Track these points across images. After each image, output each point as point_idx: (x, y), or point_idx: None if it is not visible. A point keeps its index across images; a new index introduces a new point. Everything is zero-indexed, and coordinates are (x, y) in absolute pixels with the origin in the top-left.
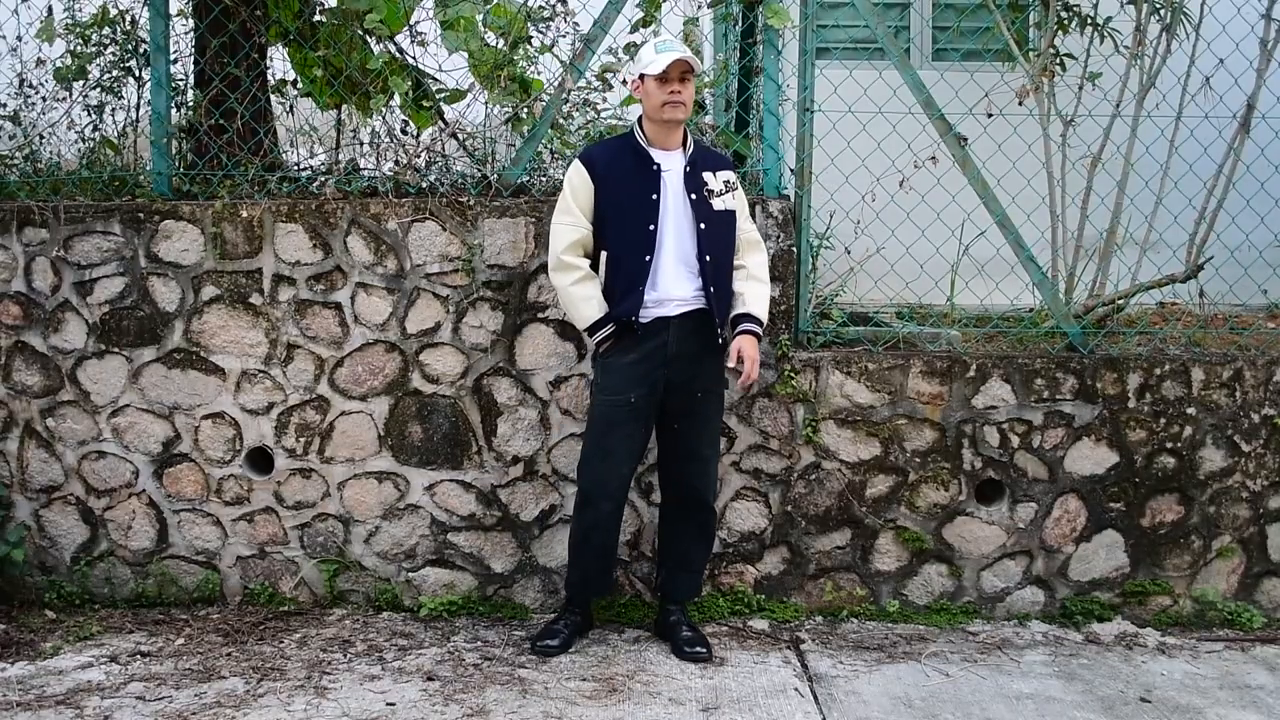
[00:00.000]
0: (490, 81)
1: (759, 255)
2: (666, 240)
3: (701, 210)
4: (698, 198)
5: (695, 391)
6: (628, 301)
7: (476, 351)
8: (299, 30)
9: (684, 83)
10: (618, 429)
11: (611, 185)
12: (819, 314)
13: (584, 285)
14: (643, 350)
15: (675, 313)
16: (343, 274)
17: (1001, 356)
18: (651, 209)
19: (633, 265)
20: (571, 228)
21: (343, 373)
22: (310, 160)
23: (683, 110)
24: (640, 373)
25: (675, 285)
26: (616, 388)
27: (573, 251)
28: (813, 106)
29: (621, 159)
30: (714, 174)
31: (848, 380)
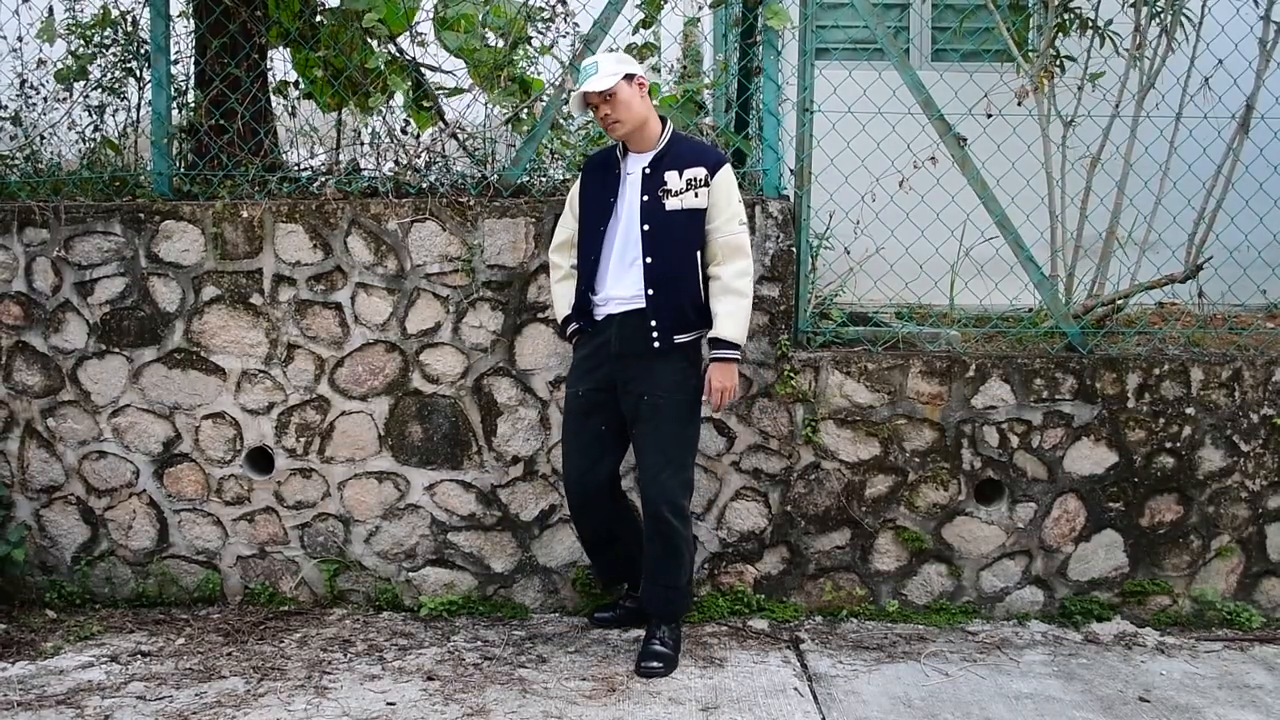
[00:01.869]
0: (490, 82)
1: (737, 262)
2: (614, 241)
3: (650, 212)
4: (650, 199)
5: (641, 395)
6: (578, 300)
7: (476, 351)
8: (299, 31)
9: (610, 102)
10: (570, 422)
11: (587, 188)
12: (818, 314)
13: (562, 284)
14: (591, 345)
15: (618, 310)
16: (343, 274)
17: (1001, 357)
18: (606, 210)
19: (584, 265)
20: (562, 228)
21: (343, 373)
22: (310, 160)
23: (621, 127)
24: (587, 367)
25: (618, 285)
26: (569, 381)
27: (561, 251)
28: (812, 107)
29: (603, 165)
30: (679, 172)
31: (847, 380)
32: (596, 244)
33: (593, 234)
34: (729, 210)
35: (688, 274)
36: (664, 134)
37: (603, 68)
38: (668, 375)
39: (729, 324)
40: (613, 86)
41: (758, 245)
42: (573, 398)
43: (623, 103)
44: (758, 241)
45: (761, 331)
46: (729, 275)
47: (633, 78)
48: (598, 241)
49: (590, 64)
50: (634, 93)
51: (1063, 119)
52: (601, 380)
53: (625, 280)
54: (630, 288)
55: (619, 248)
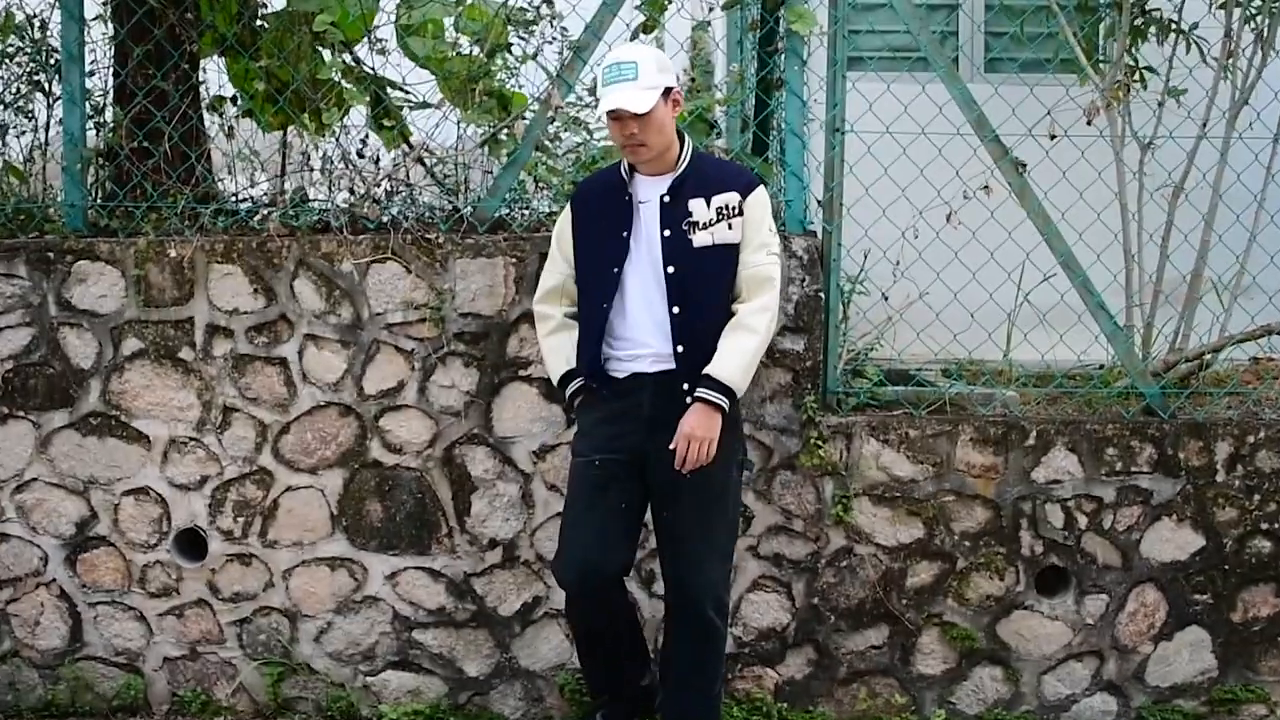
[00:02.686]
0: (463, 97)
1: (760, 296)
2: (630, 285)
3: (674, 249)
4: (672, 234)
5: (681, 469)
6: (586, 354)
7: (447, 415)
8: (237, 36)
9: (642, 121)
10: (581, 496)
11: (587, 222)
12: (851, 371)
13: (556, 336)
14: (611, 409)
15: (651, 369)
16: (289, 324)
17: (1066, 422)
18: (619, 249)
19: (593, 313)
20: (550, 273)
21: (289, 440)
22: (250, 190)
23: (646, 152)
24: (607, 434)
25: (648, 335)
26: (580, 449)
27: (551, 300)
28: (843, 126)
29: (604, 191)
30: (706, 200)
31: (885, 449)
32: (609, 289)
33: (603, 277)
34: (759, 239)
35: (725, 322)
36: (684, 153)
37: (643, 75)
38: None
39: (727, 361)
40: (648, 111)
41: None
42: (585, 466)
43: (656, 124)
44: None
45: (784, 392)
46: (745, 310)
47: (670, 91)
48: (611, 286)
49: (627, 64)
50: (668, 111)
51: (1140, 141)
52: (627, 450)
53: (656, 332)
54: (663, 342)
55: (641, 293)
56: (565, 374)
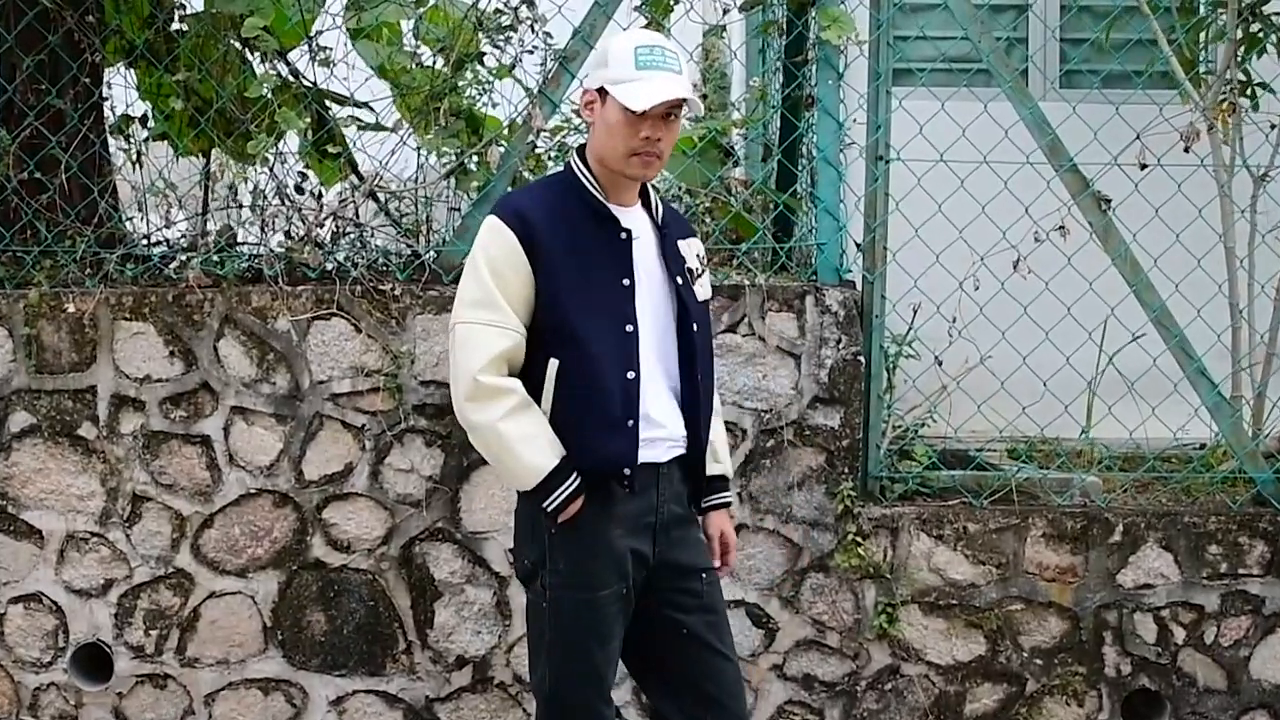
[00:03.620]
0: (424, 118)
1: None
2: (647, 347)
3: (691, 301)
4: (684, 282)
5: (700, 571)
6: (614, 441)
7: (405, 506)
8: (149, 44)
9: (668, 122)
10: (591, 634)
11: (562, 258)
12: (897, 452)
13: (521, 418)
14: (628, 512)
15: (665, 456)
16: (212, 394)
17: (1160, 514)
18: (625, 299)
19: (612, 384)
20: (497, 330)
21: (212, 536)
22: (165, 231)
23: (657, 168)
24: (622, 551)
25: (665, 412)
26: (594, 575)
27: (497, 368)
28: (888, 153)
29: (570, 218)
30: (686, 243)
31: (939, 547)
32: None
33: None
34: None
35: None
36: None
37: (685, 71)
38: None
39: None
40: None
41: (809, 352)
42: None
43: (675, 135)
44: (809, 347)
45: (815, 477)
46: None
47: None
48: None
49: (670, 51)
50: None
51: (1251, 171)
52: (643, 567)
53: (672, 409)
54: (678, 421)
55: (657, 359)
56: (556, 469)
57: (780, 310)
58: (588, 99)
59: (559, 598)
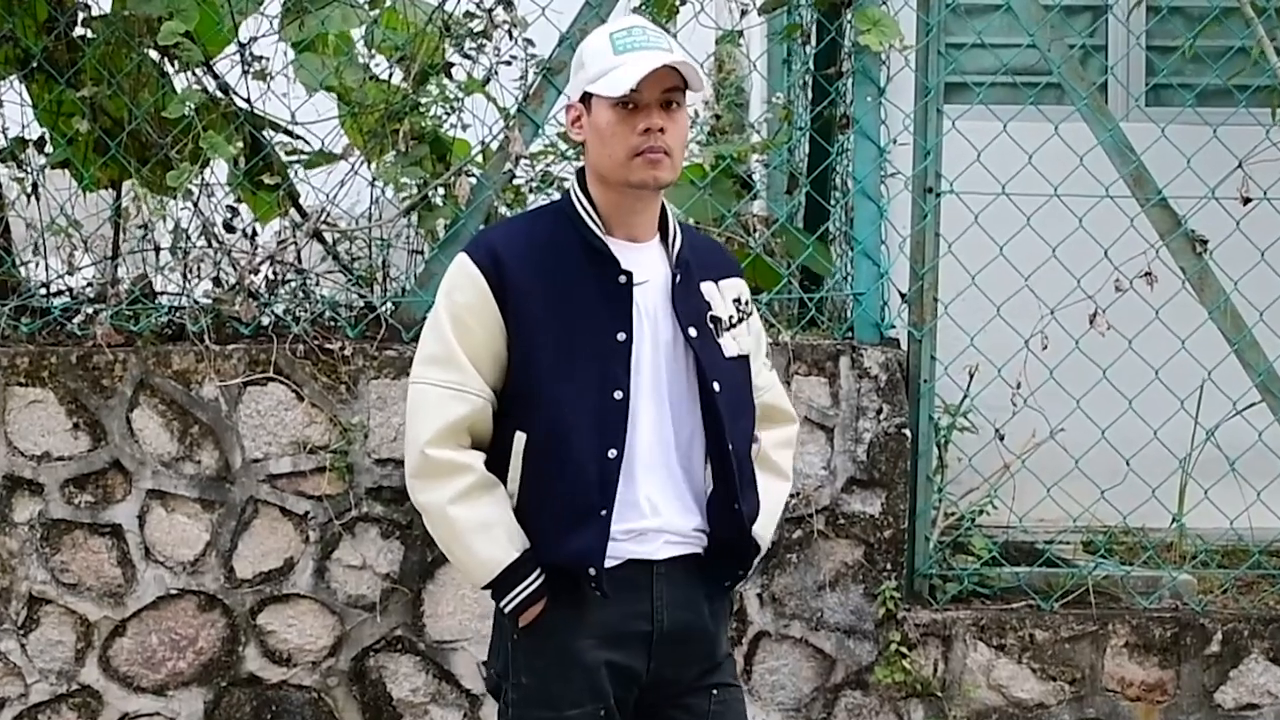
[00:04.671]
0: (380, 142)
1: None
2: (641, 417)
3: (708, 357)
4: (699, 334)
5: (710, 689)
6: (580, 535)
7: (357, 610)
8: (48, 53)
9: (670, 112)
10: None
11: (542, 308)
12: (950, 545)
13: (478, 502)
14: (605, 620)
15: (665, 554)
16: (125, 475)
17: (1267, 619)
18: (615, 359)
19: (585, 464)
20: (452, 394)
21: (125, 646)
22: (68, 278)
23: (668, 167)
24: (599, 663)
25: (668, 502)
26: (557, 694)
27: (452, 439)
28: (939, 184)
29: (558, 256)
30: (716, 284)
31: (1000, 659)
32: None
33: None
34: (761, 348)
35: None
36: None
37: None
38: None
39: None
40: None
41: (845, 425)
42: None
43: (683, 129)
44: (845, 418)
45: (851, 574)
46: (772, 443)
47: None
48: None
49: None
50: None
51: None
52: (629, 686)
53: (679, 494)
54: (685, 508)
55: (655, 433)
56: (515, 564)
57: (809, 374)
58: (573, 114)
59: (519, 717)
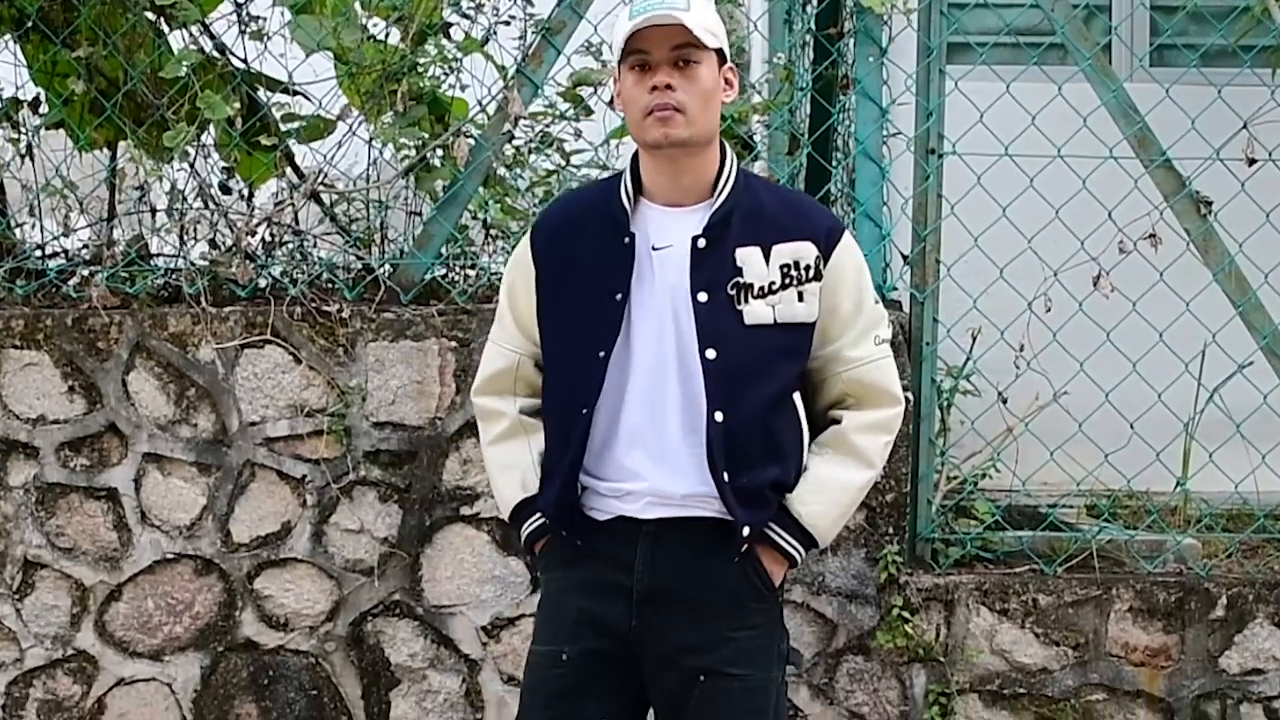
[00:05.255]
0: (378, 103)
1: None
2: (634, 378)
3: (715, 325)
4: (711, 300)
5: (697, 672)
6: (550, 487)
7: (355, 574)
8: (43, 13)
9: (684, 70)
10: (540, 705)
11: (559, 272)
12: (953, 509)
13: (508, 445)
14: (589, 570)
15: (651, 514)
16: (121, 439)
17: (1272, 583)
18: (608, 319)
19: (566, 421)
20: (498, 349)
21: (120, 611)
22: (64, 240)
23: (681, 123)
24: (578, 607)
25: (643, 460)
26: (544, 633)
27: (499, 389)
28: (941, 146)
29: (587, 223)
30: (764, 250)
31: (1003, 624)
32: (591, 385)
33: (582, 365)
34: (861, 319)
35: (784, 442)
36: (727, 172)
37: (696, 6)
38: (746, 632)
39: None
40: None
41: None
42: (547, 662)
43: (704, 87)
44: None
45: (852, 539)
46: (857, 424)
47: (725, 61)
48: (595, 377)
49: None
50: (719, 85)
51: None
52: (608, 636)
53: (668, 456)
54: (675, 471)
55: (646, 393)
56: (521, 504)
57: None
58: (616, 89)
59: (530, 652)
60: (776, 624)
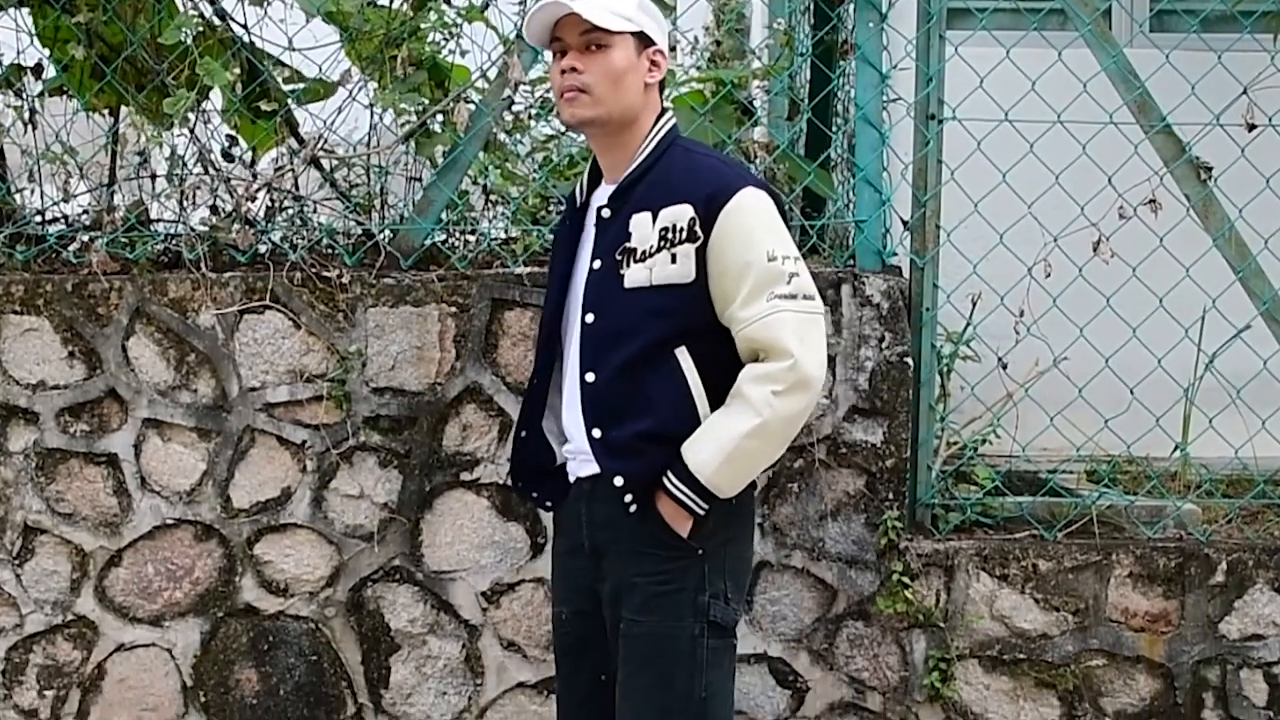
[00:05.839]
0: (379, 68)
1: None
2: (571, 347)
3: (599, 289)
4: (602, 266)
5: (617, 621)
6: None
7: (354, 540)
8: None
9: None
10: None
11: (551, 248)
12: (953, 474)
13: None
14: (563, 532)
15: (582, 472)
16: (121, 404)
17: (1272, 549)
18: (557, 291)
19: (530, 385)
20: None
21: (120, 576)
22: (64, 205)
23: (583, 107)
24: (563, 570)
25: (576, 425)
26: (553, 594)
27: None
28: (942, 112)
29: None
30: (653, 214)
31: (1003, 589)
32: (549, 352)
33: (545, 334)
34: (750, 279)
35: (656, 395)
36: (645, 142)
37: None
38: (650, 579)
39: (703, 444)
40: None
41: (846, 353)
42: (556, 622)
43: (612, 69)
44: (846, 347)
45: (852, 504)
46: (748, 375)
47: (650, 44)
48: (546, 343)
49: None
50: (636, 66)
51: None
52: (586, 593)
53: (575, 416)
54: (580, 430)
55: (573, 355)
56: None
57: None
58: None
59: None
60: (690, 574)
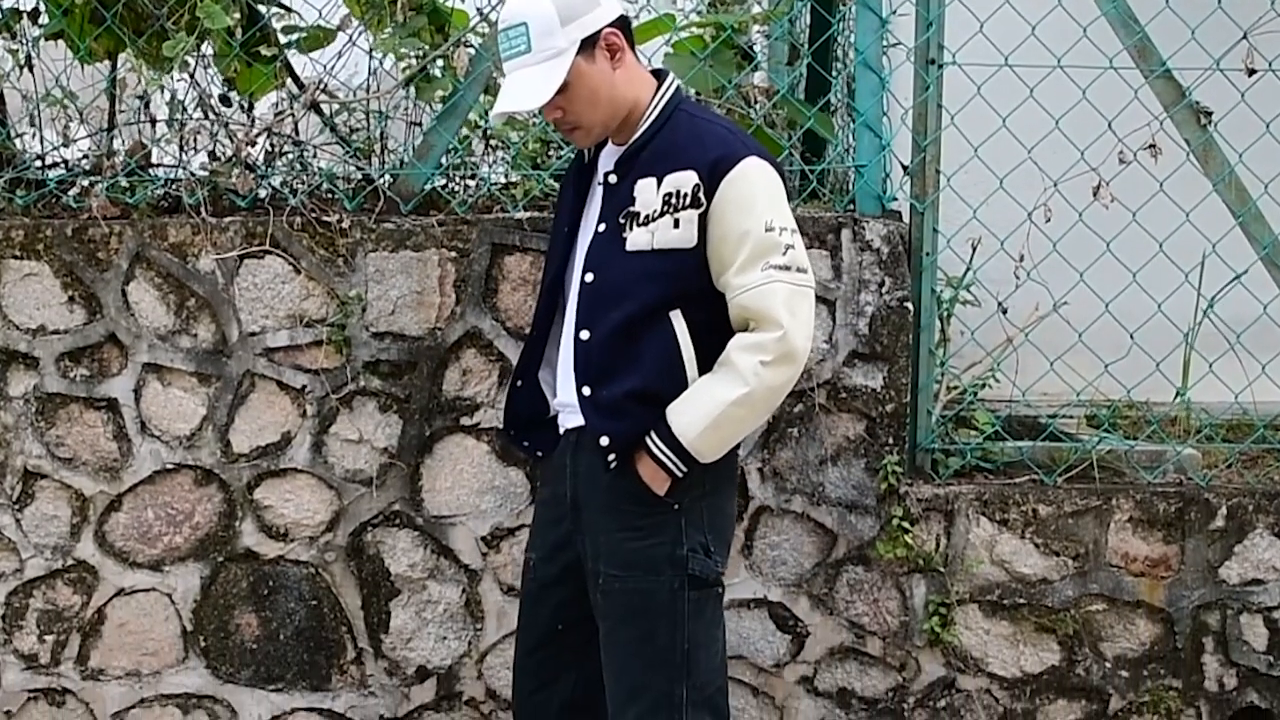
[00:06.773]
0: (378, 13)
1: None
2: (570, 304)
3: (599, 251)
4: (607, 229)
5: (597, 576)
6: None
7: (354, 484)
8: None
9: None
10: (520, 609)
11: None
12: (953, 419)
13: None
14: (547, 480)
15: (569, 424)
16: (121, 349)
17: (1272, 494)
18: (560, 251)
19: (529, 339)
20: None
21: (120, 521)
22: (64, 150)
23: (584, 135)
24: (539, 518)
25: (566, 380)
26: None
27: None
28: (942, 56)
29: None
30: (658, 180)
31: (1003, 534)
32: (549, 309)
33: (546, 292)
34: (747, 247)
35: (647, 355)
36: (649, 109)
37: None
38: (628, 535)
39: (686, 407)
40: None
41: (846, 298)
42: (525, 567)
43: (584, 95)
44: (846, 291)
45: (852, 449)
46: (737, 344)
47: (595, 40)
48: (547, 299)
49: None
50: (601, 71)
51: None
52: (559, 543)
53: (568, 371)
54: (570, 386)
55: (571, 313)
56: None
57: (811, 246)
58: None
59: None
60: (668, 529)
